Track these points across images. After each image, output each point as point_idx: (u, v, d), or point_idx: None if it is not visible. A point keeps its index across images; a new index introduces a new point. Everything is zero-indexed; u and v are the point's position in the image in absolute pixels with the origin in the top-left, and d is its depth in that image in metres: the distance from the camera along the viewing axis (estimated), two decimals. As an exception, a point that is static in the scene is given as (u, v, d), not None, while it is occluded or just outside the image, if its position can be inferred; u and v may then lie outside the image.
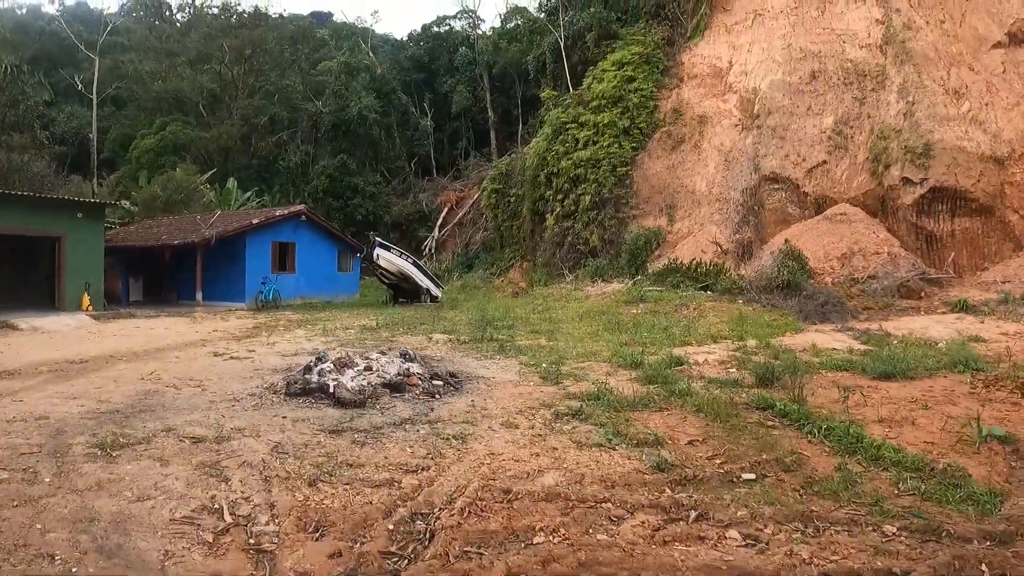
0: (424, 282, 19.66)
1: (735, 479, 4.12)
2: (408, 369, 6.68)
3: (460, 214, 33.55)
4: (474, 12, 43.95)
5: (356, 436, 4.93)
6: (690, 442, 4.87)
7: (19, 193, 15.76)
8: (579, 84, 25.87)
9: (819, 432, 4.98)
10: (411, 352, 7.39)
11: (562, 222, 22.53)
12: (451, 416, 5.48)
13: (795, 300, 14.58)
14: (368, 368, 6.70)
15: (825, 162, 19.43)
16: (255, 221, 19.02)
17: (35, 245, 17.34)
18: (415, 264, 20.07)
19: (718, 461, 4.48)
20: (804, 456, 4.55)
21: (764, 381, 6.81)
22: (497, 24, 42.40)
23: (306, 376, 6.64)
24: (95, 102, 35.29)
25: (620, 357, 8.37)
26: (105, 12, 43.11)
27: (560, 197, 22.70)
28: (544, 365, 7.92)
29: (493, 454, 4.44)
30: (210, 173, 30.25)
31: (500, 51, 36.88)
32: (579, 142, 22.75)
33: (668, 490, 3.93)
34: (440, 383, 6.58)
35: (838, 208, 18.57)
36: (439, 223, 33.59)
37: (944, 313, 14.29)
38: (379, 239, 19.65)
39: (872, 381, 7.04)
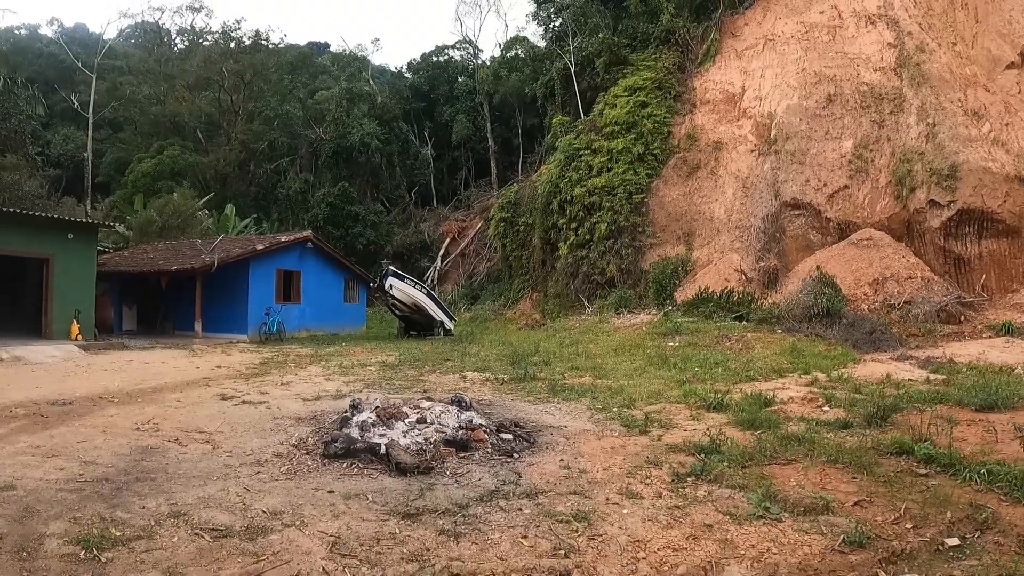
0: (438, 314, 18.64)
1: (940, 547, 3.40)
2: (470, 421, 5.67)
3: (463, 244, 32.82)
4: (473, 42, 43.98)
5: (441, 522, 3.73)
6: (857, 503, 3.98)
7: (3, 209, 14.41)
8: (589, 110, 25.51)
9: (981, 478, 4.34)
10: (466, 399, 6.37)
11: (576, 251, 21.72)
12: (548, 484, 4.38)
13: (837, 329, 13.87)
14: (421, 420, 5.68)
15: (847, 186, 19.01)
16: (259, 247, 17.97)
17: (21, 267, 16.10)
18: (429, 295, 19.09)
19: (908, 526, 3.66)
20: (991, 510, 3.86)
21: (875, 420, 6.10)
22: (496, 53, 42.64)
23: (345, 431, 5.54)
24: (91, 121, 34.42)
25: (694, 397, 7.44)
26: (104, 36, 42.70)
27: (574, 226, 21.95)
28: (616, 409, 6.94)
29: (638, 541, 3.39)
30: (207, 198, 29.32)
31: (500, 80, 36.84)
32: (593, 169, 22.15)
33: (883, 573, 3.10)
34: (510, 437, 5.56)
35: (863, 233, 18.07)
36: (441, 253, 32.81)
37: (990, 337, 13.99)
38: (392, 268, 18.68)
39: (975, 414, 6.51)
